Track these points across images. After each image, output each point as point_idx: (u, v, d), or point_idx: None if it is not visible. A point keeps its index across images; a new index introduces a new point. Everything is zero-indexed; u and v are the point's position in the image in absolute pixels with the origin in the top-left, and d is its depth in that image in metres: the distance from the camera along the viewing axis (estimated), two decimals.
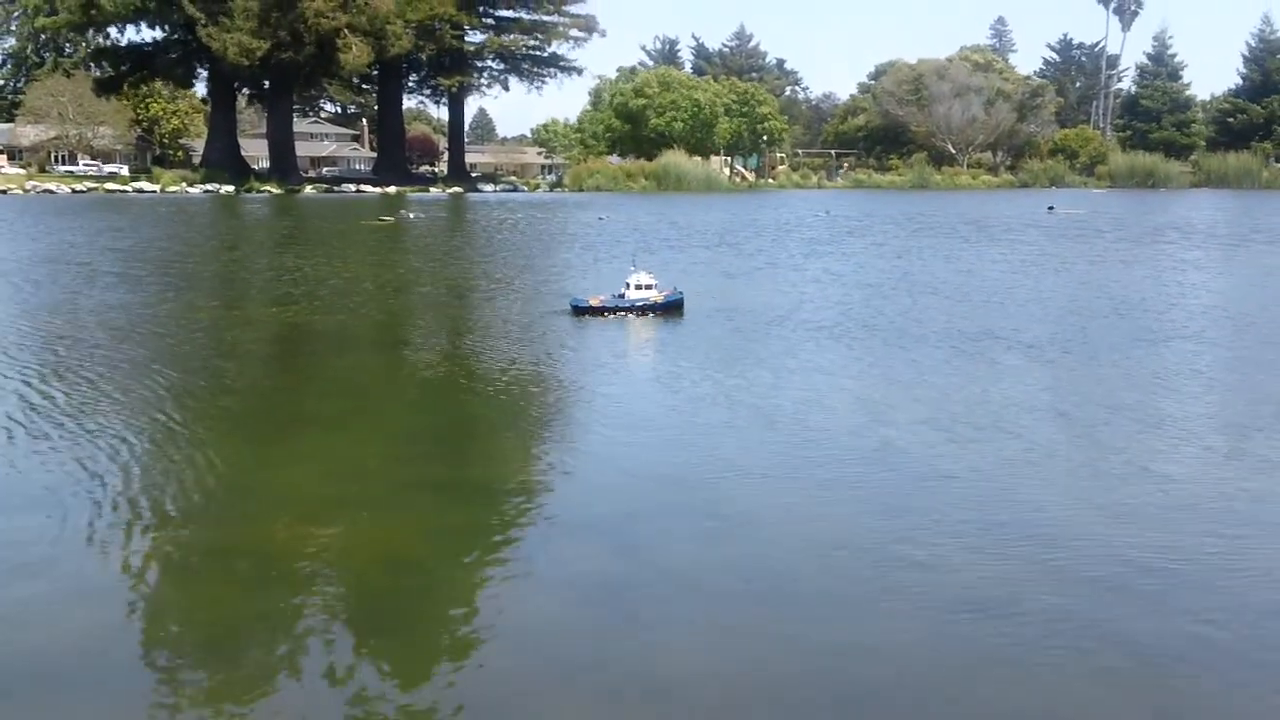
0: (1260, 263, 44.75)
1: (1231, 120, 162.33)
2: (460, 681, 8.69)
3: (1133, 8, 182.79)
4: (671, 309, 27.77)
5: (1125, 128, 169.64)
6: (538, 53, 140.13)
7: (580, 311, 27.38)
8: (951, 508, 12.64)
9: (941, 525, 12.02)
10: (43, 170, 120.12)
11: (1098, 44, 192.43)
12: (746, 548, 11.38)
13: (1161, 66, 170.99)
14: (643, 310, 27.49)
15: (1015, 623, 9.61)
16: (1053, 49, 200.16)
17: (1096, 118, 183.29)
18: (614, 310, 27.36)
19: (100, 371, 20.33)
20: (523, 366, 21.54)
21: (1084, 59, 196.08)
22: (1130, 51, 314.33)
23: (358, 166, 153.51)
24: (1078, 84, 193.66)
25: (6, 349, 22.56)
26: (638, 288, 28.01)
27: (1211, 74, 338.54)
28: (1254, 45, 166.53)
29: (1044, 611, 9.83)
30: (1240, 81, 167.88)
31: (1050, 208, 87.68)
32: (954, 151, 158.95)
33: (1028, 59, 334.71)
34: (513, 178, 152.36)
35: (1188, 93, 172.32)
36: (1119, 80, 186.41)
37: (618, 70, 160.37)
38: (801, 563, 10.98)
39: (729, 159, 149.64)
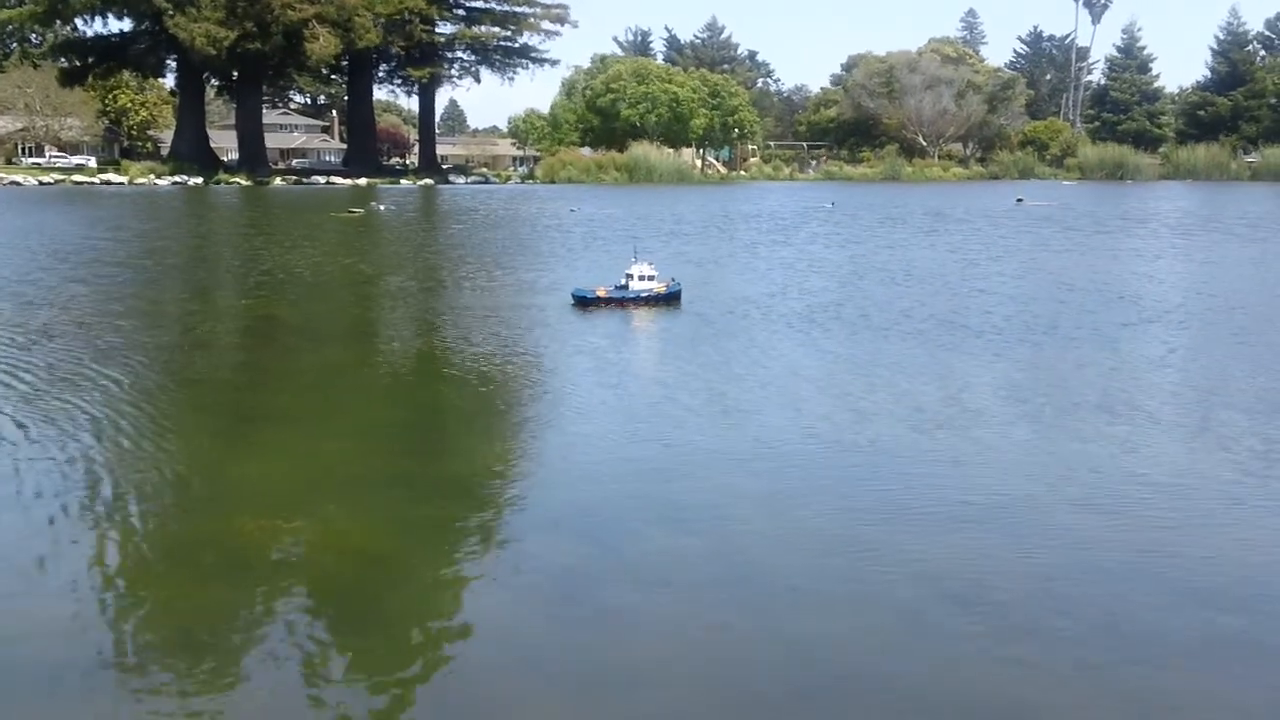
0: (1215, 252, 45.12)
1: (1200, 113, 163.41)
2: (430, 676, 8.65)
3: (1102, 0, 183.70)
4: (671, 300, 27.87)
5: (1095, 120, 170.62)
6: (509, 44, 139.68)
7: (586, 303, 27.25)
8: (923, 497, 12.68)
9: (914, 515, 12.06)
10: (9, 162, 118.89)
11: (1068, 36, 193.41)
12: (720, 540, 11.38)
13: (1131, 59, 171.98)
14: (646, 301, 27.51)
15: (986, 611, 9.65)
16: (1023, 41, 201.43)
17: (1067, 110, 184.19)
18: (621, 301, 27.30)
19: (67, 366, 20.13)
20: (498, 360, 21.43)
21: (1054, 51, 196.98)
22: (1100, 44, 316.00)
23: (328, 158, 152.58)
24: (1048, 76, 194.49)
25: None
26: (641, 278, 27.95)
27: (1181, 67, 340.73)
28: (1222, 38, 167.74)
29: (1014, 599, 9.87)
30: (1209, 74, 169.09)
31: (1019, 199, 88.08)
32: (925, 144, 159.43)
33: (998, 51, 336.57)
34: (484, 169, 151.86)
35: (1157, 85, 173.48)
36: (1089, 73, 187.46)
37: (592, 57, 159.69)
38: (775, 555, 10.99)
39: (700, 151, 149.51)
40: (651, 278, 28.08)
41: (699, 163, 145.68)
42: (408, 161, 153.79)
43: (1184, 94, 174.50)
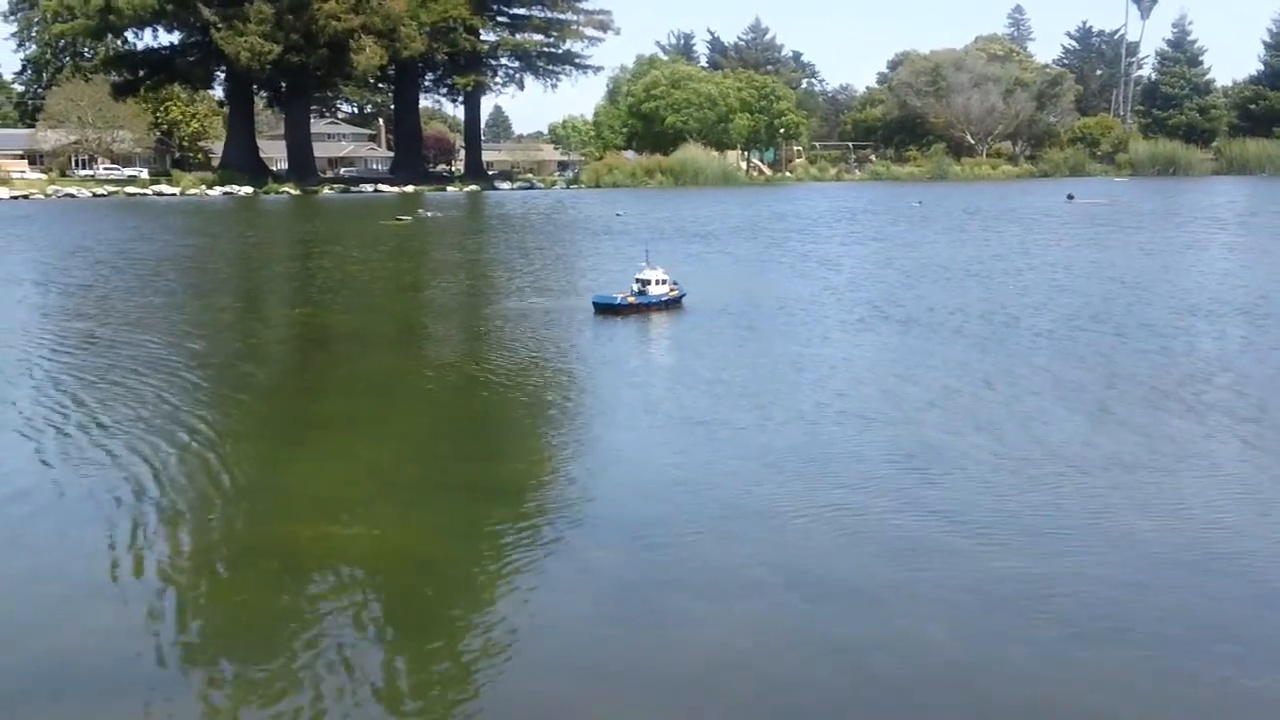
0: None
1: (1253, 106, 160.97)
2: (486, 679, 8.68)
3: None
4: (678, 303, 28.03)
5: (1146, 115, 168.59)
6: (552, 50, 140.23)
7: (613, 309, 27.20)
8: (975, 499, 12.60)
9: (965, 518, 11.97)
10: (64, 174, 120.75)
11: (1117, 31, 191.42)
12: (772, 544, 11.34)
13: (1181, 53, 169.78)
14: (664, 306, 27.57)
15: (1047, 615, 9.56)
16: (1072, 37, 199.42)
17: (1117, 105, 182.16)
18: (645, 308, 27.30)
19: (125, 373, 20.41)
20: (545, 365, 21.53)
21: (1104, 47, 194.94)
22: (1150, 38, 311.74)
23: (375, 166, 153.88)
24: (1098, 72, 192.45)
25: (35, 351, 22.73)
26: (658, 283, 28.00)
27: (1233, 60, 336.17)
28: (1275, 30, 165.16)
29: (1071, 603, 9.78)
30: (1262, 67, 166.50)
31: (1070, 196, 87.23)
32: (973, 142, 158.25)
33: (1047, 47, 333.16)
34: (529, 175, 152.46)
35: (1208, 78, 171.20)
36: (1139, 67, 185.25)
37: (636, 58, 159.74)
38: (827, 557, 10.95)
39: (745, 153, 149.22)
40: (664, 282, 28.14)
41: (744, 165, 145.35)
42: (454, 168, 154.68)
43: (1236, 87, 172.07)
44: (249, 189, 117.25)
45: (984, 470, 13.77)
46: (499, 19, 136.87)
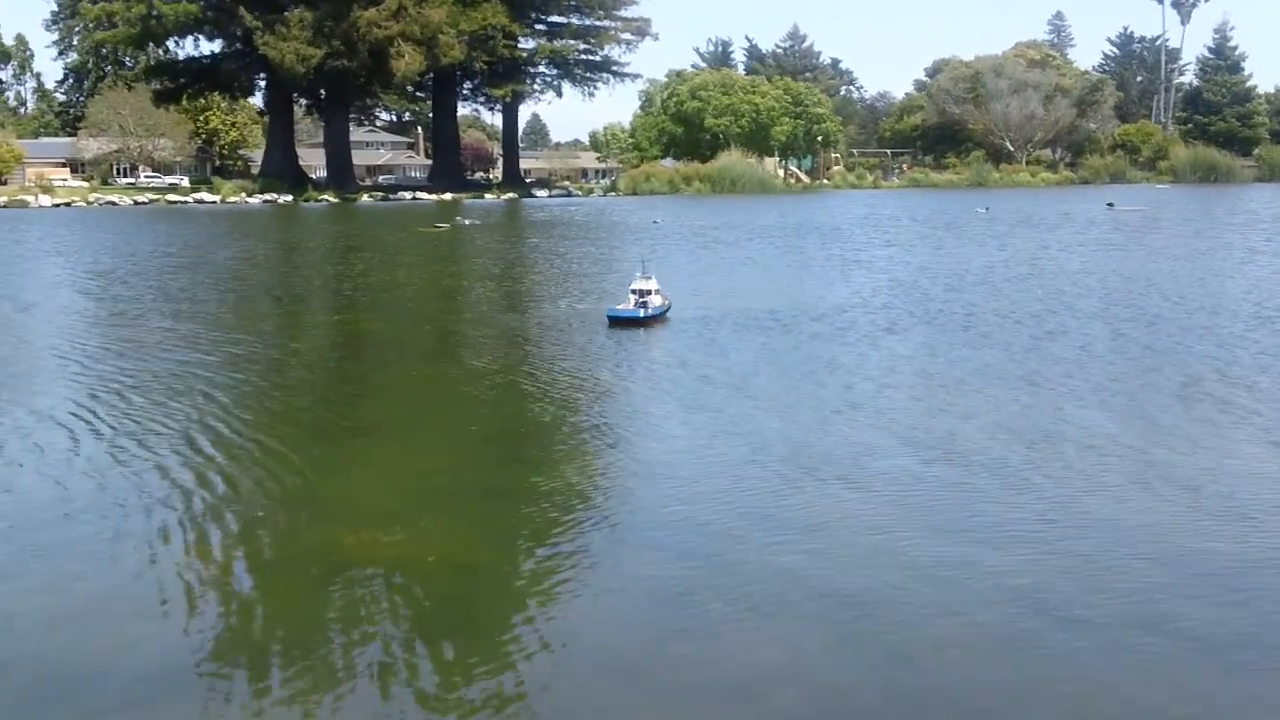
0: None
1: None
2: (527, 687, 8.61)
3: (1190, 1, 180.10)
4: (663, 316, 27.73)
5: (1186, 121, 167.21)
6: (590, 57, 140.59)
7: (634, 323, 26.94)
8: (1019, 510, 12.43)
9: (1010, 529, 11.82)
10: (105, 182, 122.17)
11: (1158, 38, 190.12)
12: (814, 554, 11.22)
13: (1223, 59, 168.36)
14: (664, 316, 27.40)
15: (1086, 628, 9.38)
16: (1112, 43, 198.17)
17: (1158, 112, 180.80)
18: (657, 319, 27.08)
19: (166, 380, 20.53)
20: (582, 372, 21.47)
21: (1144, 53, 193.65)
22: (1191, 45, 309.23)
23: (413, 174, 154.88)
24: (1138, 78, 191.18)
25: (74, 358, 22.91)
26: (656, 293, 27.74)
27: (1274, 67, 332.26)
28: None
29: (1114, 617, 9.60)
30: None
31: (1110, 204, 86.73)
32: (1012, 149, 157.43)
33: (1087, 53, 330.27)
34: (566, 182, 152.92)
35: (1249, 85, 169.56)
36: (1180, 74, 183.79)
37: (667, 73, 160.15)
38: (869, 568, 10.80)
39: (782, 160, 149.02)
40: (658, 292, 27.81)
41: (781, 172, 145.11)
42: (491, 176, 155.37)
43: (1278, 94, 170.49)
44: (289, 197, 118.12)
45: (1034, 481, 13.58)
46: (537, 26, 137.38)
